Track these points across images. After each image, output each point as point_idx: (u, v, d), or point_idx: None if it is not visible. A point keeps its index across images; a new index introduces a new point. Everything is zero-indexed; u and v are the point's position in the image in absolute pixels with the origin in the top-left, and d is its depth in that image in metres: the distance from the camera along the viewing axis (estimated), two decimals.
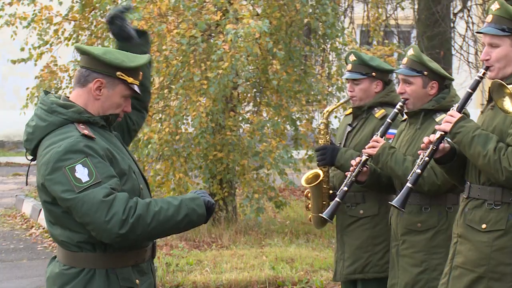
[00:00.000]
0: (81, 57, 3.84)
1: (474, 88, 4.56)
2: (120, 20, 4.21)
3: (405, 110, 5.40)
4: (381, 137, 5.35)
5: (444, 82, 5.36)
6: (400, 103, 5.38)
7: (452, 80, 5.44)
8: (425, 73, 5.28)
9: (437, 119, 5.24)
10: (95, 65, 3.76)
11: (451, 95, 5.32)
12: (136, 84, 3.83)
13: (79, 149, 3.59)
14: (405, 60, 5.35)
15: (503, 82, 3.95)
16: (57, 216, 3.68)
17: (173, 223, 3.65)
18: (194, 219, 3.69)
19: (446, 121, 4.52)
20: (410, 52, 5.33)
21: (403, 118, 5.55)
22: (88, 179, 3.55)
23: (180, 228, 3.70)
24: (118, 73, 3.76)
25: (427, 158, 4.59)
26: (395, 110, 5.41)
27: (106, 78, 3.76)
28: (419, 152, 4.73)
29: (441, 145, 4.57)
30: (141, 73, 3.87)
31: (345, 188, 5.40)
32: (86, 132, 3.67)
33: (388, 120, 5.41)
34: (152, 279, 3.87)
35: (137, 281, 3.76)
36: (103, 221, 3.53)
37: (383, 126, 5.42)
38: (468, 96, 4.57)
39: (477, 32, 4.80)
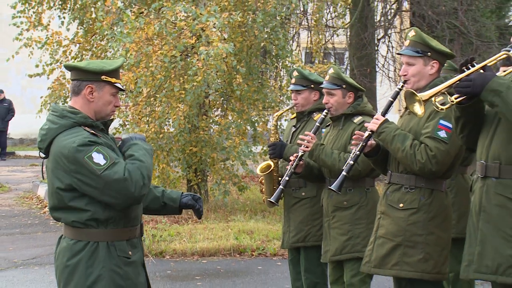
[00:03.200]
0: (71, 73, 3.80)
1: (394, 97, 4.63)
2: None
3: (329, 116, 5.42)
4: None
5: (358, 93, 5.39)
6: (325, 111, 5.41)
7: (364, 91, 5.47)
8: (344, 86, 5.31)
9: (355, 121, 5.29)
10: (83, 75, 3.73)
11: (364, 102, 5.37)
12: (119, 83, 3.81)
13: (89, 142, 3.58)
14: (327, 77, 5.36)
15: (413, 91, 3.98)
16: (69, 199, 3.62)
17: (151, 163, 3.72)
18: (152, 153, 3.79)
19: (373, 122, 4.54)
20: (331, 70, 5.35)
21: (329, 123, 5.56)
22: (105, 161, 3.55)
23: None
24: (102, 77, 3.72)
25: (358, 152, 4.62)
26: (322, 115, 5.45)
27: (94, 83, 3.72)
28: (351, 147, 4.75)
29: (369, 142, 4.59)
30: (120, 73, 3.83)
31: (287, 178, 5.45)
32: (93, 131, 3.67)
33: (317, 124, 5.46)
34: (141, 253, 3.84)
35: (130, 252, 3.73)
36: (131, 192, 3.55)
37: (313, 128, 5.45)
38: (390, 103, 4.65)
39: (397, 53, 4.82)
